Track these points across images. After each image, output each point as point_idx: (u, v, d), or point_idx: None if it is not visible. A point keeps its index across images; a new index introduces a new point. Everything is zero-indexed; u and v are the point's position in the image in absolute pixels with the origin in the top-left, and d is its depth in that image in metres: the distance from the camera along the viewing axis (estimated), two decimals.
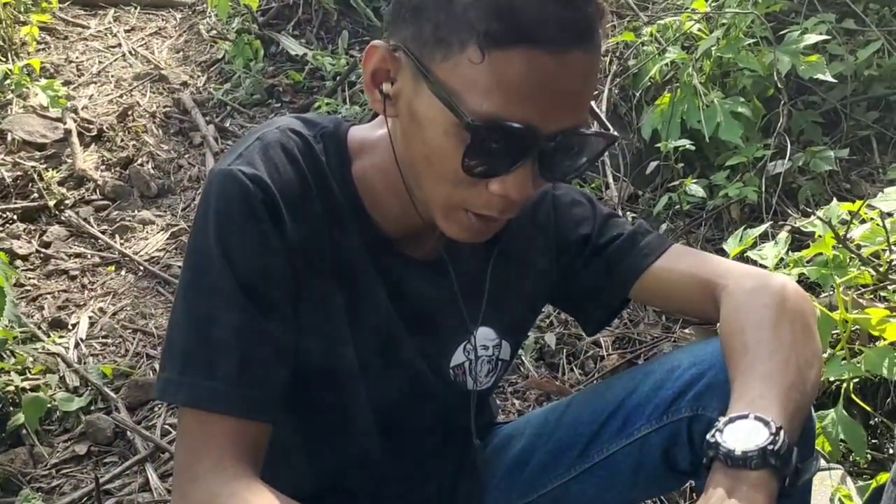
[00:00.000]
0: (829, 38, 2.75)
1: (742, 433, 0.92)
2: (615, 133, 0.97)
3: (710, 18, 2.82)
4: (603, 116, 0.98)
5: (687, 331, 2.21)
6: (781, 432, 0.91)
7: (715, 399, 1.08)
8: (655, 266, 1.18)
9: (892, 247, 1.70)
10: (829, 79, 2.62)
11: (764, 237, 2.17)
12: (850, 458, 1.77)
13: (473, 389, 1.19)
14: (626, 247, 1.20)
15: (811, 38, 2.62)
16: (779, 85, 2.67)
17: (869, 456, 1.76)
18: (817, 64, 2.60)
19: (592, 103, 0.96)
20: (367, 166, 1.05)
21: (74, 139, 3.15)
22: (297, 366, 1.04)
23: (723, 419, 0.94)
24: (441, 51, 0.88)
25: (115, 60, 3.81)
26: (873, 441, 1.81)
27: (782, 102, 2.72)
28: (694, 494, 1.73)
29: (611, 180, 2.82)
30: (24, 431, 1.94)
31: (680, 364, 1.14)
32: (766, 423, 0.91)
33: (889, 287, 1.85)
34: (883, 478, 1.46)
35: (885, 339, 1.70)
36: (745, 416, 0.93)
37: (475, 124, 0.87)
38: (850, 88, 2.87)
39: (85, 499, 1.75)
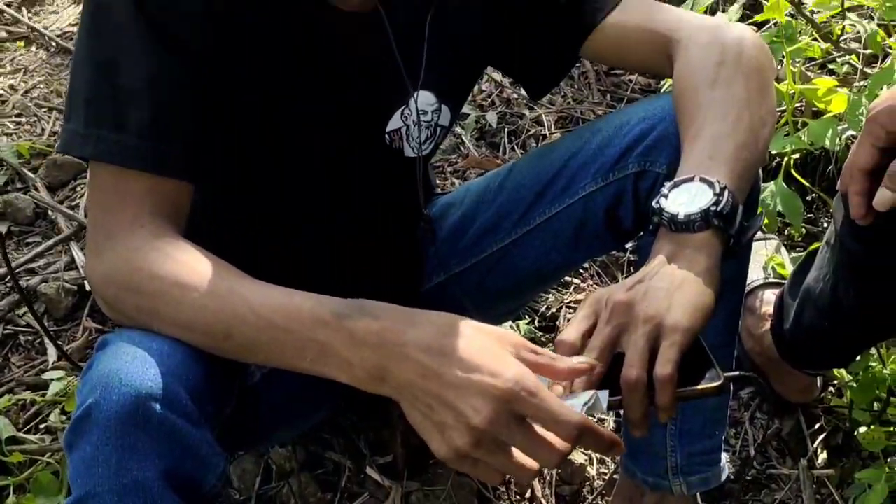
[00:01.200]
0: None
1: (686, 196, 0.89)
2: None
3: None
4: None
5: None
6: (726, 192, 0.88)
7: (664, 154, 1.04)
8: (607, 22, 1.10)
9: (846, 13, 1.65)
10: None
11: (713, 12, 2.09)
12: (786, 232, 1.79)
13: (418, 156, 1.13)
14: (576, 1, 1.11)
15: None
16: None
17: (804, 230, 1.79)
18: None
19: None
20: None
21: None
22: (231, 123, 0.97)
23: (668, 184, 0.91)
24: None
25: None
26: (809, 215, 1.83)
27: None
28: (632, 268, 1.74)
29: None
30: None
31: (629, 119, 1.09)
32: (711, 185, 0.88)
33: (838, 59, 1.81)
34: (816, 245, 1.47)
35: (829, 112, 1.68)
36: (691, 179, 0.90)
37: None
38: None
39: (8, 278, 1.68)
